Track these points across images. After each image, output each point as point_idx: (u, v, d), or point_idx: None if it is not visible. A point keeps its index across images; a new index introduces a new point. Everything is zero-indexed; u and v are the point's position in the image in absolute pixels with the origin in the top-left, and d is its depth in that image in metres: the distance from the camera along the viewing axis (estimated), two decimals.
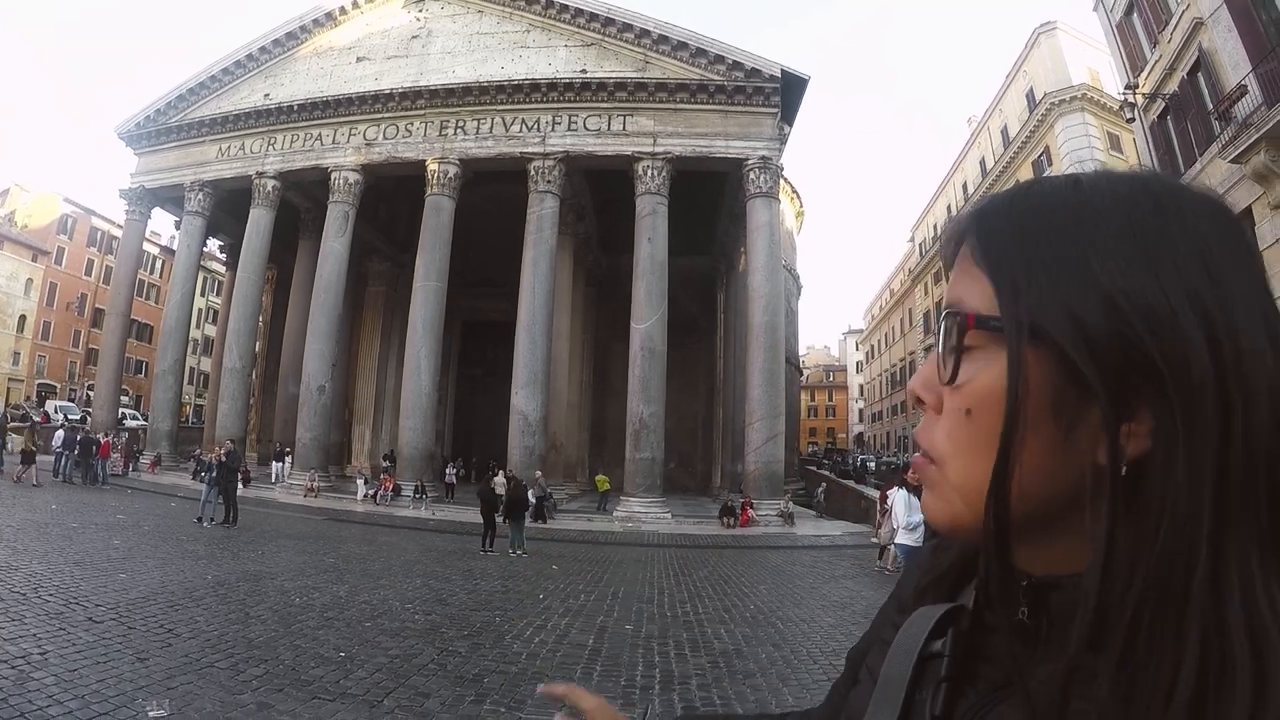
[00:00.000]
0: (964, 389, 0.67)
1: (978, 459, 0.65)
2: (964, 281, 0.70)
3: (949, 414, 0.69)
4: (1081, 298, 0.60)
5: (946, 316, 0.68)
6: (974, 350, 0.67)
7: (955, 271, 0.72)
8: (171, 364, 32.23)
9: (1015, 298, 0.63)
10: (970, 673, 0.72)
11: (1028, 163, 42.17)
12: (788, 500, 26.01)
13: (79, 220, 64.58)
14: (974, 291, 0.68)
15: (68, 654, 6.37)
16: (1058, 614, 0.65)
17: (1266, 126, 16.37)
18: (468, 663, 7.29)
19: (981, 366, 0.66)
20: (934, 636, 0.76)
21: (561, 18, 29.78)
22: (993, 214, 0.71)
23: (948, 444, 0.69)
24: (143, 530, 15.53)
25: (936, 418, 0.71)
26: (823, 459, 65.03)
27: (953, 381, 0.67)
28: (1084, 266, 0.62)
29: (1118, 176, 0.68)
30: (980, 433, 0.65)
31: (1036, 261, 0.64)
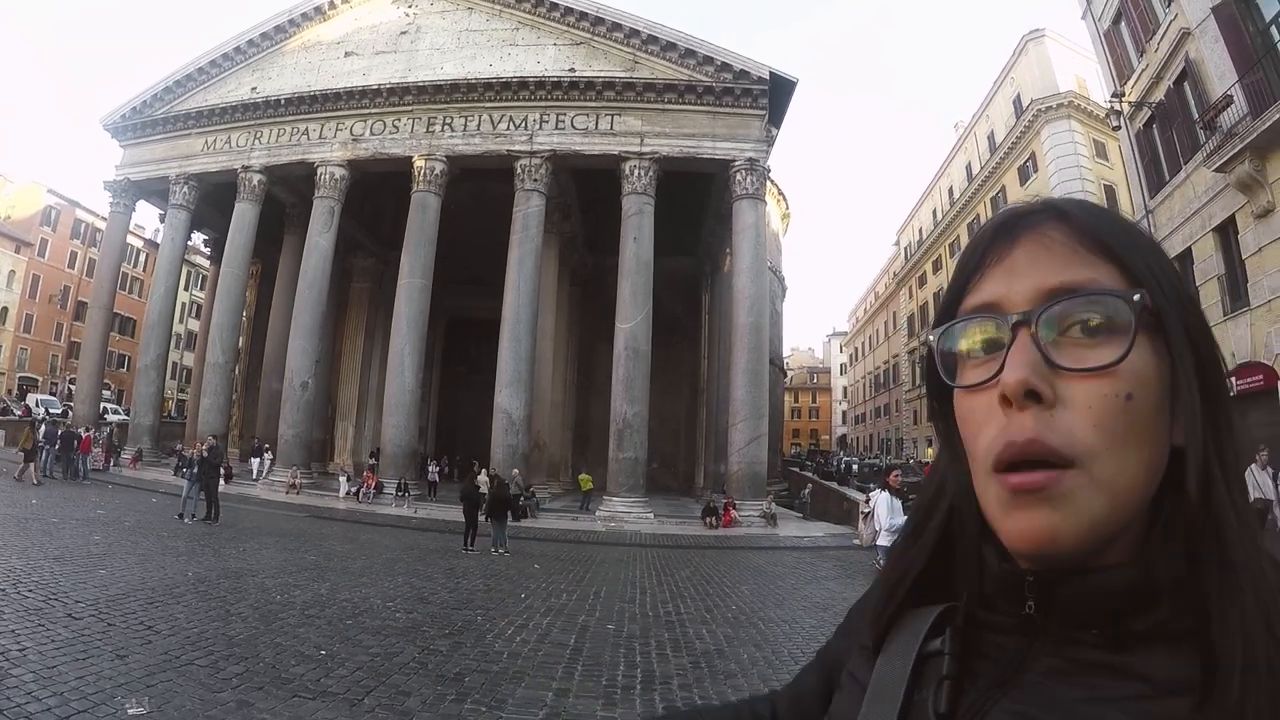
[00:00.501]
0: (1124, 371, 0.64)
1: (1136, 449, 0.64)
2: (1073, 263, 0.68)
3: (1100, 400, 0.64)
4: (1179, 284, 0.68)
5: (1086, 298, 0.66)
6: (1114, 333, 0.65)
7: (1038, 254, 0.70)
8: (154, 358, 32.02)
9: (1159, 285, 0.66)
10: (969, 670, 0.72)
11: (1014, 169, 42.47)
12: (770, 501, 26.06)
13: (63, 212, 64.13)
14: (1098, 274, 0.67)
15: (47, 650, 6.32)
16: (1065, 608, 0.66)
17: (1251, 136, 16.56)
18: (449, 661, 7.27)
19: (1136, 349, 0.64)
20: (930, 636, 0.75)
21: (551, 16, 29.73)
22: (1082, 210, 0.73)
23: (1097, 436, 0.63)
24: (123, 526, 15.42)
25: (1050, 414, 0.65)
26: (805, 460, 65.28)
27: (1116, 364, 0.63)
28: (1170, 267, 0.70)
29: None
30: (1140, 419, 0.64)
31: (1148, 255, 0.69)
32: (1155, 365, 0.65)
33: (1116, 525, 0.64)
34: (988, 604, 0.74)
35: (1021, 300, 0.68)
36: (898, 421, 68.61)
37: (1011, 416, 0.66)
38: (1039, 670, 0.67)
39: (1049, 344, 0.65)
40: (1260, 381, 17.49)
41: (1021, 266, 0.70)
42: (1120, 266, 0.67)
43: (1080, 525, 0.63)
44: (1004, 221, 0.75)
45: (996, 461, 0.66)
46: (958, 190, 52.60)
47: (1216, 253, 19.61)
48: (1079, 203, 0.74)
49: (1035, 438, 0.64)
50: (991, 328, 0.70)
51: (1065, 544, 0.63)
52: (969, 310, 0.73)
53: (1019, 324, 0.67)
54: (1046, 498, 0.63)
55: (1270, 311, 17.21)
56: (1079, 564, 0.65)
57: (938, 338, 0.75)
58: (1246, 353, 18.11)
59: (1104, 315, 0.65)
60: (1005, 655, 0.70)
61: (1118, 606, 0.64)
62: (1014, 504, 0.65)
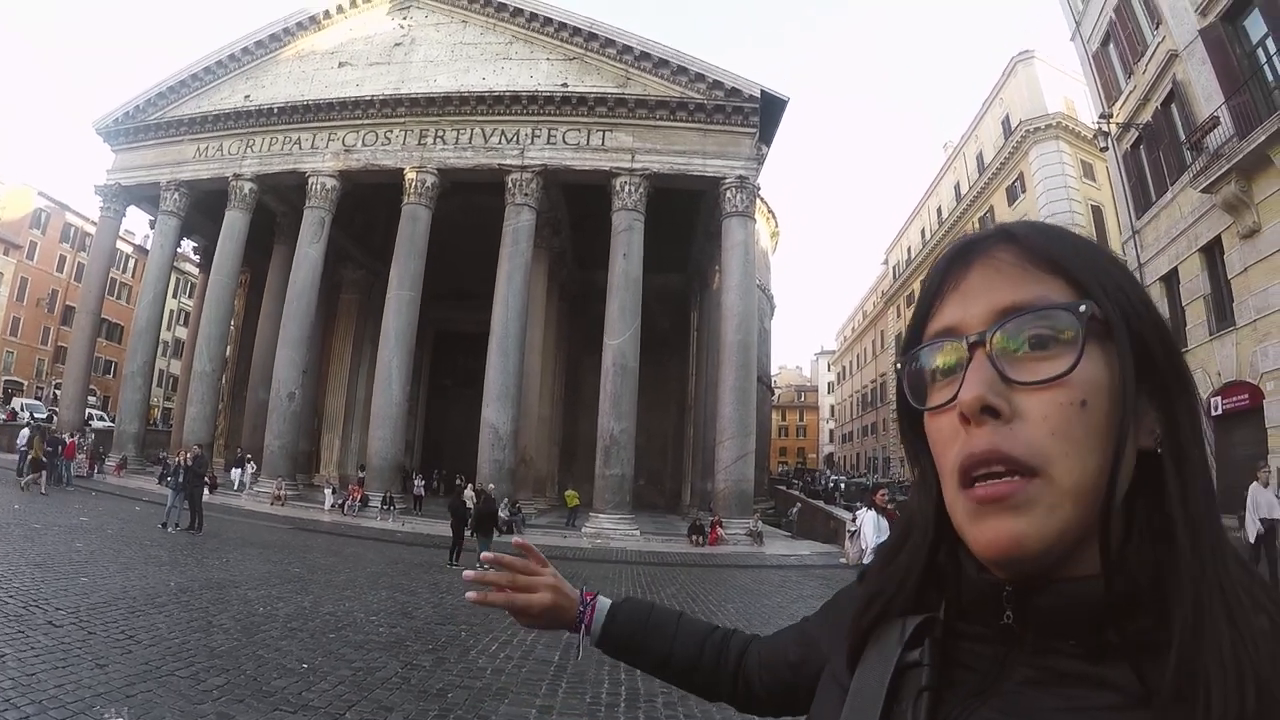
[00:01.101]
0: (1076, 380, 0.67)
1: (1093, 453, 0.66)
2: (1023, 282, 0.71)
3: (1055, 409, 0.67)
4: (1132, 292, 0.72)
5: (1035, 314, 0.69)
6: (1064, 344, 0.67)
7: (991, 277, 0.74)
8: (141, 365, 31.86)
9: (1105, 294, 0.69)
10: (948, 680, 0.74)
11: (1002, 189, 42.68)
12: (757, 519, 26.03)
13: (53, 215, 63.83)
14: (1048, 290, 0.71)
15: (26, 657, 6.29)
16: (1041, 619, 0.69)
17: (1237, 158, 16.74)
18: (432, 677, 7.25)
19: (1086, 358, 0.67)
20: (909, 647, 0.77)
21: (545, 31, 29.86)
22: (1031, 230, 0.76)
23: (1055, 443, 0.66)
24: (106, 534, 15.34)
25: (1009, 426, 0.68)
26: (793, 478, 65.28)
27: (1067, 374, 0.66)
28: (1120, 275, 0.73)
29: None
30: (1094, 425, 0.66)
31: (1094, 265, 0.72)
32: (1108, 372, 0.68)
33: (1082, 529, 0.66)
34: (965, 614, 0.77)
35: (977, 322, 0.72)
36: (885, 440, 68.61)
37: (971, 432, 0.69)
38: (1017, 680, 0.69)
39: (1004, 361, 0.69)
40: (1246, 400, 17.64)
41: (975, 290, 0.74)
42: (1069, 280, 0.71)
43: (1045, 531, 0.65)
44: (958, 249, 0.79)
45: (961, 475, 0.70)
46: (946, 210, 52.86)
47: (1202, 273, 19.78)
48: (1029, 224, 0.77)
49: (993, 447, 0.67)
50: (951, 350, 0.73)
51: (1032, 550, 0.66)
52: (931, 335, 0.77)
53: (974, 344, 0.71)
54: (1011, 506, 0.66)
55: (1256, 331, 17.36)
56: (1049, 572, 0.68)
57: (905, 364, 0.79)
58: (1232, 372, 18.25)
59: (1053, 328, 0.68)
60: (983, 665, 0.73)
61: (1094, 617, 0.66)
62: (980, 514, 0.68)
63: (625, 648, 1.32)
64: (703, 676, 1.24)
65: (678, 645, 1.27)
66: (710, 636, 1.26)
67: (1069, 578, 0.68)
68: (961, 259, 0.77)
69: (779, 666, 1.12)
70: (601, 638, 1.34)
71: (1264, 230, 16.99)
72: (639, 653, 1.31)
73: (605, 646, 1.34)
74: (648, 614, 1.33)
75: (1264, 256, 17.04)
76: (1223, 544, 0.66)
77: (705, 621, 1.30)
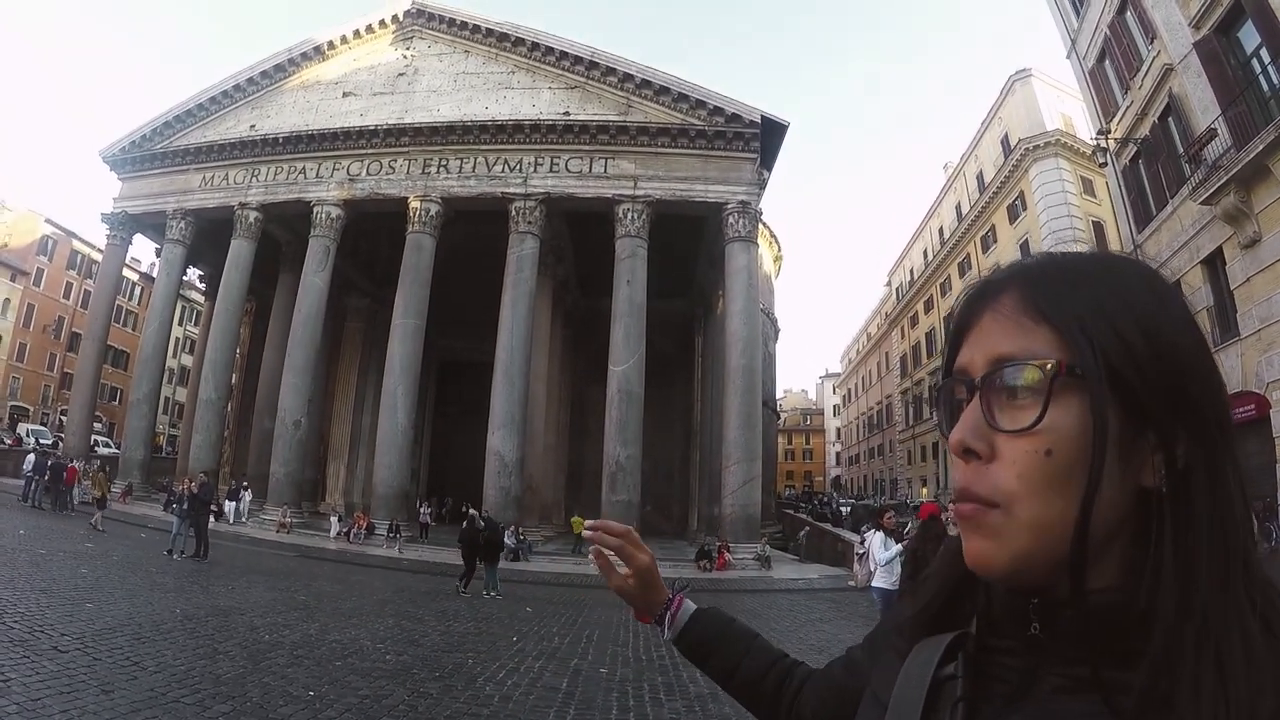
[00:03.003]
0: (1044, 431, 0.72)
1: (1055, 497, 0.72)
2: (1014, 333, 0.77)
3: (1023, 456, 0.73)
4: (1133, 339, 0.74)
5: (1015, 366, 0.75)
6: (1036, 395, 0.73)
7: (992, 325, 0.80)
8: (146, 393, 31.89)
9: (1089, 344, 0.73)
10: (982, 691, 0.79)
11: (1003, 208, 42.83)
12: (765, 543, 25.97)
13: (60, 242, 64.08)
14: (1033, 341, 0.76)
15: (31, 683, 6.33)
16: (1065, 630, 0.74)
17: (1236, 168, 16.79)
18: (439, 705, 7.27)
19: (1057, 409, 0.72)
20: (944, 662, 0.83)
21: (546, 60, 30.09)
22: (1035, 273, 0.81)
23: (1019, 485, 0.73)
24: (111, 560, 15.41)
25: (986, 466, 0.76)
26: (799, 502, 65.13)
27: (1035, 425, 0.72)
28: (1119, 313, 0.75)
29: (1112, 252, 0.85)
30: (1060, 471, 0.72)
31: (1081, 311, 0.75)
32: (1079, 423, 0.72)
33: (1044, 557, 0.73)
34: (995, 629, 0.83)
35: (980, 366, 0.79)
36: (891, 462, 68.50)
37: (958, 466, 0.79)
38: (1047, 688, 0.74)
39: (994, 406, 0.76)
40: (1252, 411, 17.58)
41: (983, 335, 0.81)
42: (1054, 329, 0.75)
43: (1004, 555, 0.74)
44: (973, 292, 0.86)
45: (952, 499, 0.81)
46: (948, 230, 53.03)
47: (1205, 284, 19.77)
48: (1038, 263, 0.83)
49: (965, 486, 0.77)
50: (961, 389, 0.82)
51: (996, 568, 0.75)
52: (954, 370, 0.85)
53: (975, 388, 0.79)
54: (977, 527, 0.76)
55: (1260, 341, 17.36)
56: (1057, 586, 0.74)
57: (938, 392, 0.88)
58: (1238, 383, 18.19)
59: (1026, 381, 0.74)
60: (1013, 676, 0.78)
61: (1116, 626, 0.72)
62: (964, 530, 0.78)
63: (699, 650, 1.42)
64: (763, 696, 1.31)
65: (748, 661, 1.35)
66: (779, 661, 1.35)
67: (1094, 589, 0.73)
68: (977, 302, 0.84)
69: (829, 696, 1.17)
70: (681, 634, 1.43)
71: (1265, 240, 17.02)
72: (710, 658, 1.40)
73: (681, 645, 1.44)
74: (728, 625, 1.44)
75: (1266, 266, 17.06)
76: (1223, 578, 0.68)
77: (777, 648, 1.39)
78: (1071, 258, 0.83)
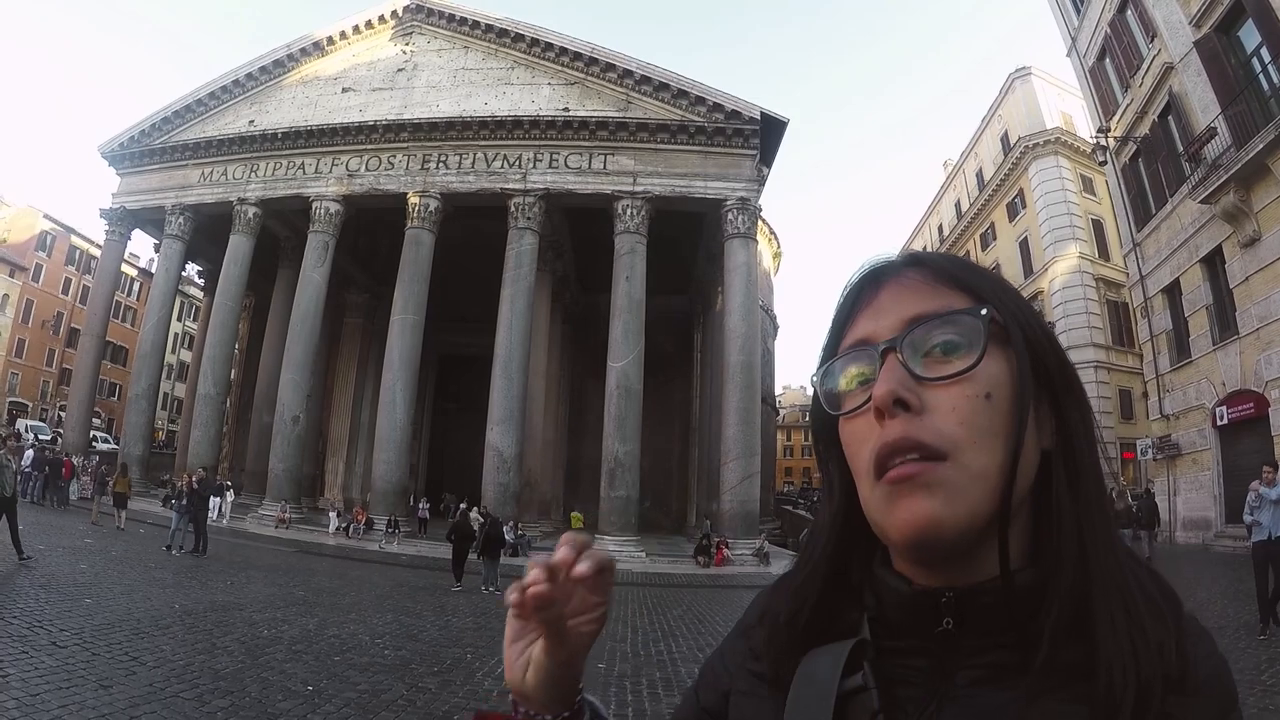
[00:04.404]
0: (981, 375, 0.72)
1: (999, 441, 0.71)
2: (930, 296, 0.78)
3: (963, 401, 0.72)
4: (1029, 317, 0.79)
5: (943, 317, 0.75)
6: (967, 344, 0.74)
7: (900, 294, 0.80)
8: (145, 388, 31.85)
9: (1003, 305, 0.77)
10: (892, 699, 0.75)
11: (1002, 205, 42.74)
12: (763, 540, 25.99)
13: (58, 238, 64.03)
14: (952, 301, 0.77)
15: (30, 678, 6.31)
16: (983, 618, 0.73)
17: (1235, 167, 16.84)
18: (437, 699, 7.26)
19: (988, 357, 0.73)
20: (846, 674, 0.77)
21: (546, 56, 30.07)
22: (937, 256, 0.85)
23: (963, 431, 0.71)
24: (110, 556, 15.44)
25: (917, 417, 0.72)
26: (798, 499, 65.28)
27: (973, 368, 0.72)
28: (1015, 294, 0.81)
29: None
30: (999, 415, 0.72)
31: (991, 283, 0.81)
32: (1008, 369, 0.74)
33: (991, 513, 0.70)
34: (890, 630, 0.79)
35: (887, 331, 0.77)
36: None
37: (885, 425, 0.73)
38: (964, 683, 0.72)
39: (913, 362, 0.74)
40: (1251, 409, 17.66)
41: (886, 305, 0.80)
42: (970, 293, 0.78)
43: (956, 510, 0.69)
44: (869, 272, 0.85)
45: (876, 466, 0.73)
46: (947, 228, 52.91)
47: (1204, 283, 19.85)
48: (932, 253, 0.86)
49: (905, 434, 0.71)
50: (865, 359, 0.79)
51: (946, 530, 0.70)
52: (845, 348, 0.82)
53: (886, 350, 0.76)
54: (923, 484, 0.70)
55: (1259, 339, 17.41)
56: (974, 567, 0.74)
57: (819, 377, 0.84)
58: (1236, 381, 18.28)
59: (958, 331, 0.74)
60: (921, 677, 0.75)
61: (1029, 608, 0.71)
62: (896, 496, 0.72)
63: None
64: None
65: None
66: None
67: (994, 575, 0.72)
68: (872, 280, 0.83)
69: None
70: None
71: (1264, 238, 17.07)
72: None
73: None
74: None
75: (1265, 265, 17.12)
76: (1109, 532, 0.74)
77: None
78: (950, 255, 0.88)
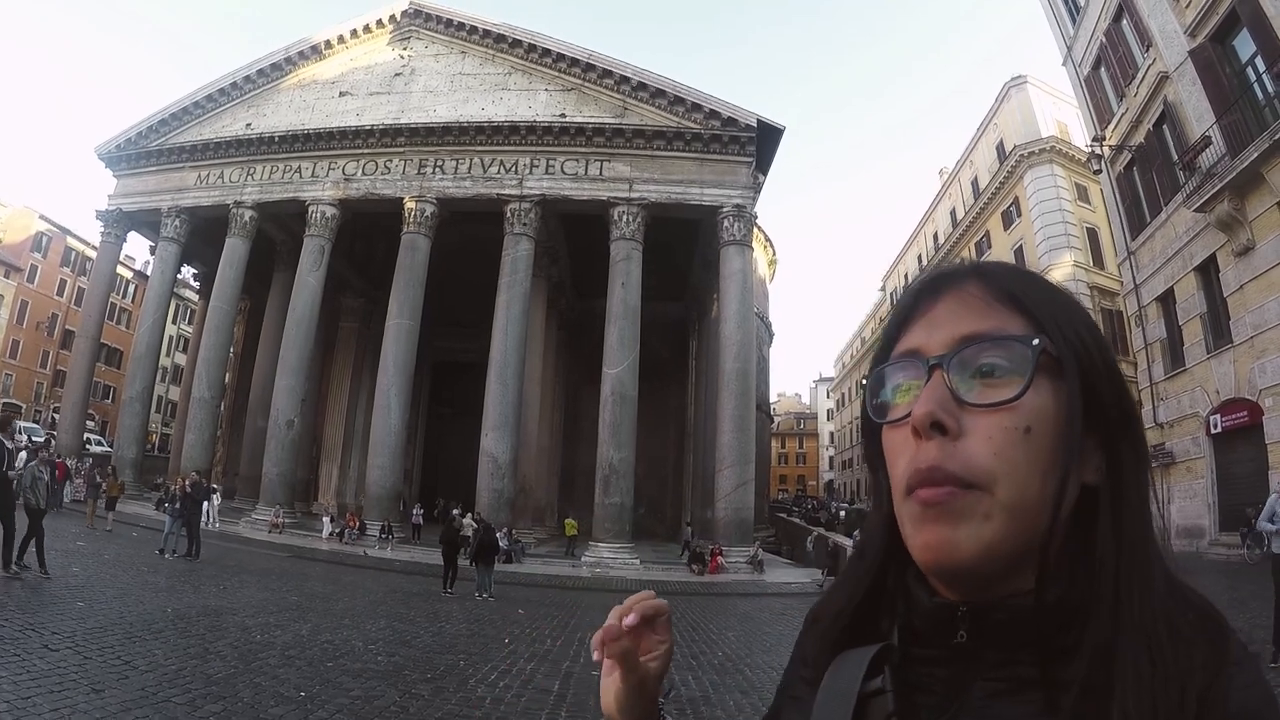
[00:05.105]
0: (1023, 407, 0.71)
1: (1035, 477, 0.71)
2: (985, 314, 0.77)
3: (1000, 432, 0.71)
4: (1090, 342, 0.77)
5: (994, 342, 0.75)
6: (1014, 373, 0.73)
7: (956, 308, 0.79)
8: (140, 391, 31.80)
9: (1063, 335, 0.75)
10: (910, 704, 0.76)
11: (997, 213, 42.77)
12: (757, 547, 26.00)
13: (54, 239, 63.69)
14: (1006, 323, 0.76)
15: (21, 681, 6.28)
16: (997, 633, 0.73)
17: (1230, 176, 16.85)
18: (430, 706, 7.24)
19: (1034, 388, 0.72)
20: (868, 677, 0.78)
21: (543, 62, 30.13)
22: (1001, 269, 0.83)
23: (998, 463, 0.71)
24: (103, 559, 15.41)
25: (954, 444, 0.72)
26: (792, 506, 65.20)
27: (1017, 399, 0.71)
28: (1079, 318, 0.79)
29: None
30: (1039, 450, 0.71)
31: (1053, 306, 0.78)
32: (1054, 404, 0.73)
33: (1014, 545, 0.71)
34: (918, 639, 0.80)
35: (939, 346, 0.77)
36: None
37: (920, 446, 0.74)
38: (980, 694, 0.73)
39: (958, 383, 0.74)
40: (1245, 418, 17.66)
41: (942, 318, 0.79)
42: (1027, 316, 0.76)
43: (977, 542, 0.70)
44: (930, 279, 0.85)
45: (908, 485, 0.75)
46: (942, 236, 53.01)
47: (1198, 292, 19.87)
48: (998, 264, 0.84)
49: (936, 464, 0.72)
50: (912, 371, 0.79)
51: (964, 557, 0.71)
52: (896, 356, 0.82)
53: (934, 366, 0.76)
54: (947, 512, 0.71)
55: (1253, 347, 17.40)
56: (994, 588, 0.73)
57: (870, 380, 0.84)
58: (1231, 389, 18.28)
59: (1006, 357, 0.73)
60: (940, 686, 0.76)
61: (1045, 626, 0.72)
62: (922, 519, 0.73)
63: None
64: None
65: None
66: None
67: (1017, 592, 0.73)
68: (931, 289, 0.83)
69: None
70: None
71: (1258, 247, 17.07)
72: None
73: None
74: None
75: (1259, 273, 17.11)
76: (1147, 577, 0.71)
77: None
78: (1022, 266, 0.86)
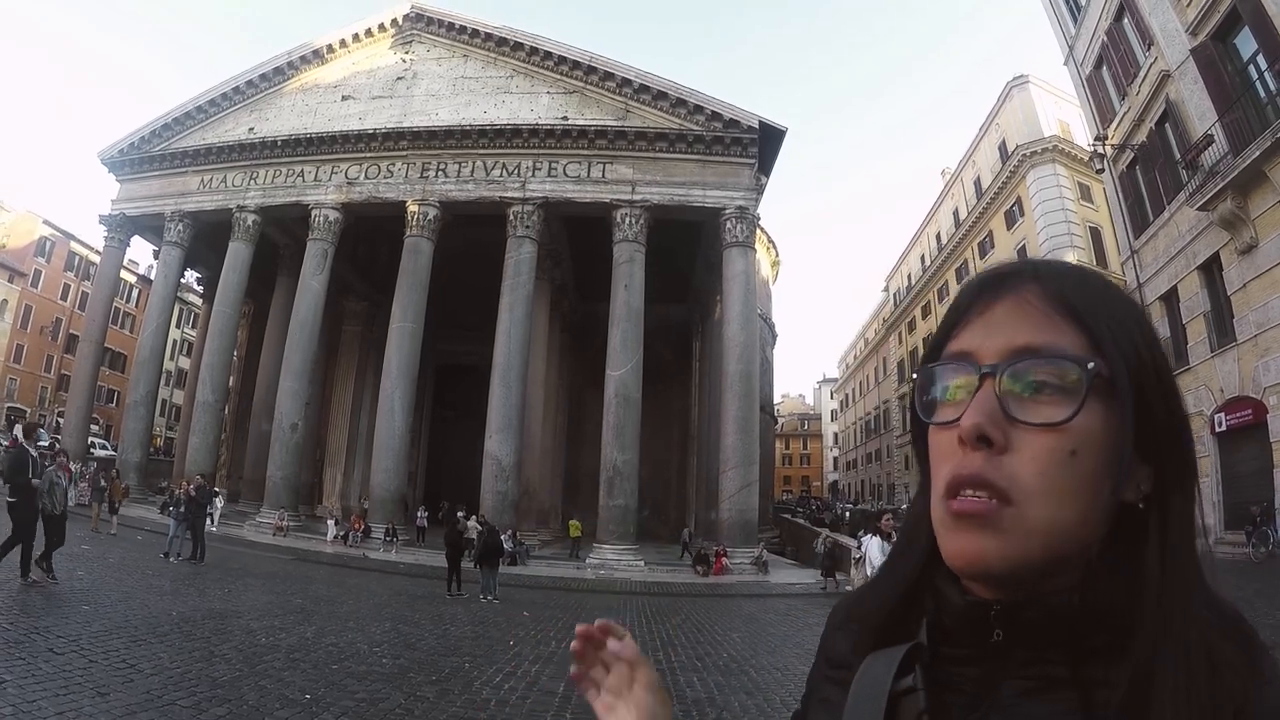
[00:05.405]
0: (1072, 430, 0.70)
1: (1072, 501, 0.70)
2: (1042, 325, 0.75)
3: (1045, 452, 0.71)
4: (1146, 358, 0.76)
5: (1048, 360, 0.73)
6: (1067, 394, 0.71)
7: (1014, 313, 0.78)
8: (144, 395, 31.85)
9: (1119, 354, 0.74)
10: (940, 704, 0.76)
11: (1000, 213, 42.81)
12: (762, 548, 25.98)
13: (58, 244, 63.84)
14: (1061, 338, 0.74)
15: (27, 684, 6.26)
16: (1030, 631, 0.73)
17: (1233, 174, 16.82)
18: (435, 709, 7.21)
19: (1085, 411, 0.71)
20: (899, 675, 0.79)
21: (545, 65, 30.16)
22: (1063, 274, 0.80)
23: (1038, 483, 0.70)
24: (108, 562, 15.37)
25: (999, 457, 0.72)
26: (796, 507, 65.05)
27: (1067, 422, 0.70)
28: (1137, 330, 0.78)
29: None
30: (1083, 473, 0.70)
31: (1111, 319, 0.76)
32: (1104, 428, 0.72)
33: (1048, 559, 0.71)
34: (948, 638, 0.80)
35: (992, 354, 0.76)
36: (889, 467, 68.30)
37: (966, 454, 0.74)
38: (1010, 693, 0.73)
39: (1009, 396, 0.73)
40: (1249, 416, 17.62)
41: (998, 322, 0.78)
42: (1085, 331, 0.74)
43: (1006, 556, 0.71)
44: (990, 279, 0.83)
45: (946, 489, 0.75)
46: (945, 236, 53.02)
47: (1201, 290, 19.84)
48: (1059, 265, 0.82)
49: (979, 473, 0.72)
50: (963, 374, 0.78)
51: (992, 568, 0.72)
52: (949, 356, 0.81)
53: (986, 375, 0.75)
54: (980, 524, 0.71)
55: (1257, 346, 17.40)
56: (1029, 588, 0.73)
57: (920, 377, 0.83)
58: (1234, 388, 18.25)
59: (1059, 377, 0.72)
60: (971, 685, 0.76)
61: (1078, 626, 0.72)
62: (955, 525, 0.74)
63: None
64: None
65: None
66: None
67: (1053, 590, 0.73)
68: (992, 289, 0.81)
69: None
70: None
71: (1261, 245, 17.06)
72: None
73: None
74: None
75: (1262, 271, 17.11)
76: (1188, 598, 0.71)
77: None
78: (1080, 266, 0.84)
